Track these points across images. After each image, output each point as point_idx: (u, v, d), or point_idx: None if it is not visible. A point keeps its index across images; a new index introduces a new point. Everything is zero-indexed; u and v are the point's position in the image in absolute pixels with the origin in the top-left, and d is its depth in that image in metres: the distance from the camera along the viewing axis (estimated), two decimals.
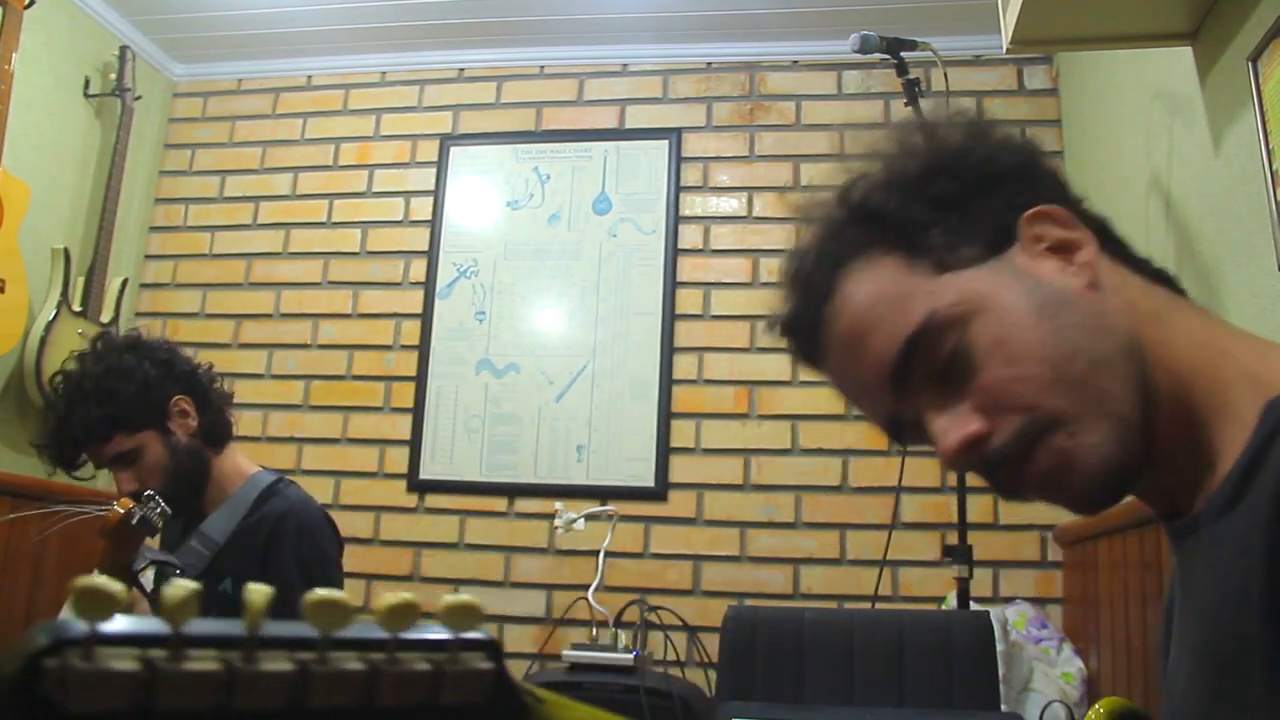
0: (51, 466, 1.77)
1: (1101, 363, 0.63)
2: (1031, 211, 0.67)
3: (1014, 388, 0.63)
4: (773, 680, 1.69)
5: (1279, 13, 1.44)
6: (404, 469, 2.96)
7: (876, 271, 0.68)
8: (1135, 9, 1.70)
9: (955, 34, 2.87)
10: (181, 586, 0.33)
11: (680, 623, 2.59)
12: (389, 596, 0.35)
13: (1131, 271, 0.68)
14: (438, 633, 0.37)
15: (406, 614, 0.36)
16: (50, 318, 2.75)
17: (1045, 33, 1.79)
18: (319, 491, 1.99)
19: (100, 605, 0.33)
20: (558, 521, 2.38)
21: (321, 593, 0.35)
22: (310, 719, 0.35)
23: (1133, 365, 0.63)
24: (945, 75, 2.16)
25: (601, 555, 2.40)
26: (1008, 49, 1.81)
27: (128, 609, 0.33)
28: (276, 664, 0.34)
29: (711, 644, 2.45)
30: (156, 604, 1.65)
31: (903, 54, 2.11)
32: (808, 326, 0.72)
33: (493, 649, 0.38)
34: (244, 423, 2.02)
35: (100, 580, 0.32)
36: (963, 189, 0.68)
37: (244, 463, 1.89)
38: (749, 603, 2.68)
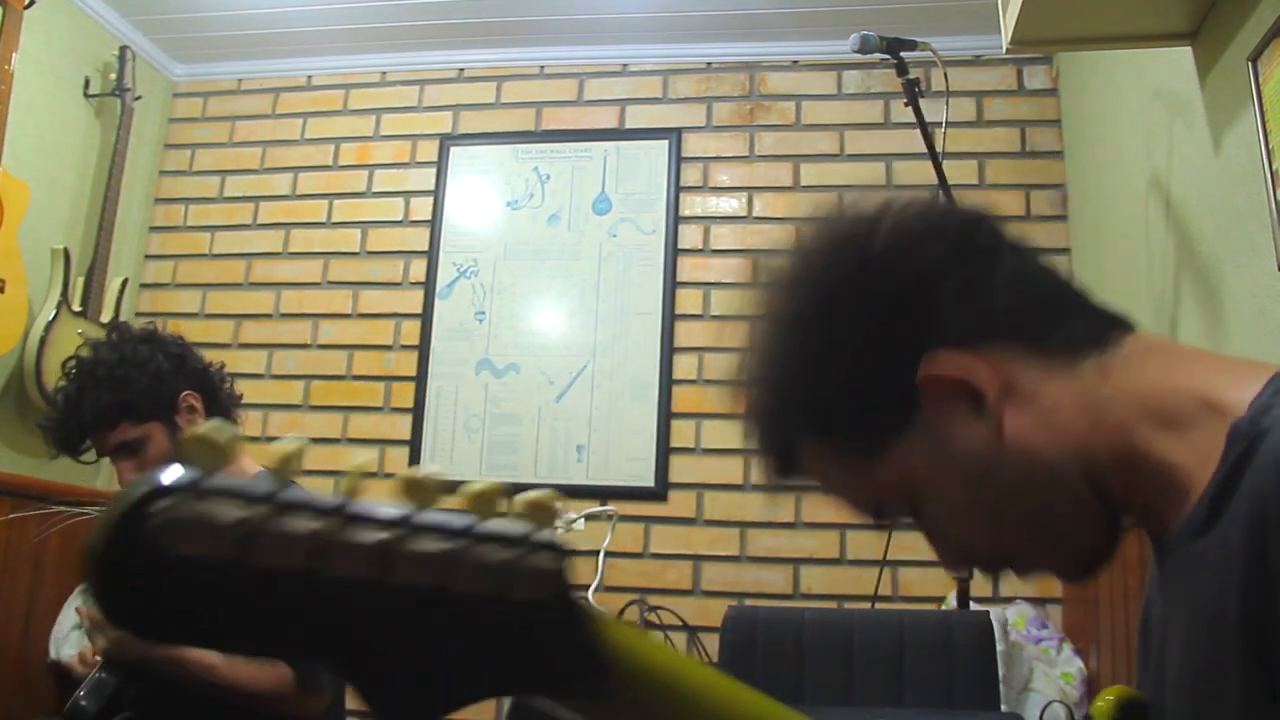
0: (55, 450, 1.78)
1: (1039, 512, 0.66)
2: (921, 376, 0.65)
3: (978, 551, 0.70)
4: (773, 680, 1.69)
5: (1279, 13, 1.44)
6: (404, 469, 2.95)
7: (820, 455, 0.71)
8: (1135, 9, 1.70)
9: (955, 34, 2.87)
10: (293, 441, 0.35)
11: (680, 623, 2.59)
12: (477, 483, 0.38)
13: (1048, 361, 0.66)
14: (515, 528, 0.39)
15: (490, 500, 0.38)
16: (50, 318, 2.75)
17: (1045, 33, 1.79)
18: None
19: (211, 454, 0.34)
20: (557, 521, 2.38)
21: (413, 470, 0.37)
22: (389, 596, 0.36)
23: (1071, 489, 0.65)
24: (945, 75, 2.16)
25: (601, 555, 2.40)
26: (1008, 49, 1.81)
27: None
28: (367, 535, 0.36)
29: (711, 644, 2.45)
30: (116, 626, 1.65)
31: (903, 54, 2.11)
32: (788, 478, 0.75)
33: (561, 551, 0.40)
34: (245, 423, 2.03)
35: (213, 428, 0.34)
36: (852, 366, 0.67)
37: (247, 463, 1.89)
38: (749, 603, 2.68)
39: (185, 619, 0.34)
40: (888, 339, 0.66)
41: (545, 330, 3.00)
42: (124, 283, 3.02)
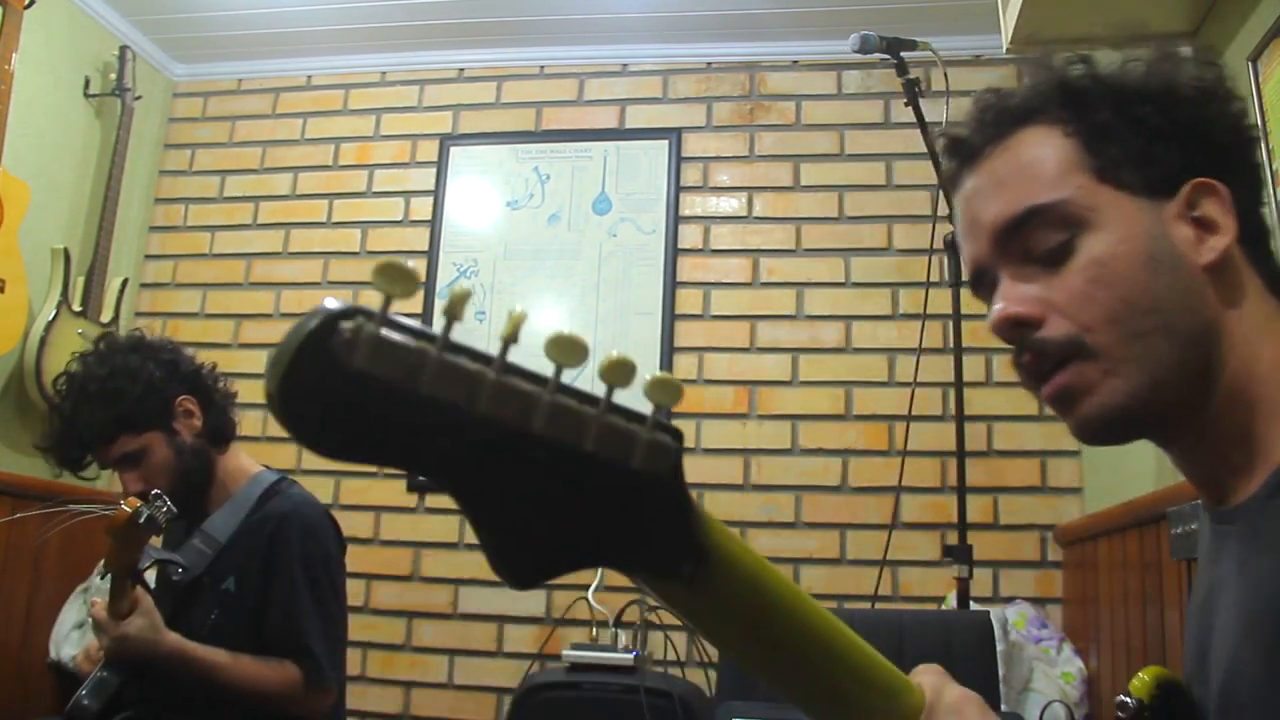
0: (57, 468, 1.77)
1: (1169, 331, 0.66)
2: (1199, 180, 0.69)
3: (1085, 304, 0.67)
4: None
5: (1279, 13, 1.44)
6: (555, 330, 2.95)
7: (1052, 142, 0.72)
8: (1135, 9, 1.71)
9: (955, 34, 2.87)
10: (461, 287, 0.39)
11: (680, 623, 2.59)
12: (612, 354, 0.41)
13: (1260, 278, 0.70)
14: (642, 407, 0.43)
15: (624, 371, 0.42)
16: (50, 318, 2.75)
17: (1045, 33, 1.79)
18: (319, 491, 1.99)
19: (398, 281, 0.38)
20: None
21: (559, 333, 0.42)
22: (527, 441, 0.40)
23: (1198, 349, 0.66)
24: (945, 75, 2.16)
25: None
26: (1008, 49, 1.82)
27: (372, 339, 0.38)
28: (518, 383, 0.41)
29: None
30: (159, 601, 1.65)
31: (903, 54, 2.11)
32: (970, 152, 0.76)
33: (677, 434, 0.43)
34: (245, 423, 2.02)
35: (399, 261, 0.38)
36: (1164, 128, 0.70)
37: (247, 462, 1.89)
38: None
39: (350, 430, 0.38)
40: (1203, 142, 0.70)
41: (545, 330, 2.99)
42: (124, 283, 3.02)
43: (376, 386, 0.37)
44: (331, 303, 0.38)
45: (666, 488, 0.43)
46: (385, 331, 0.38)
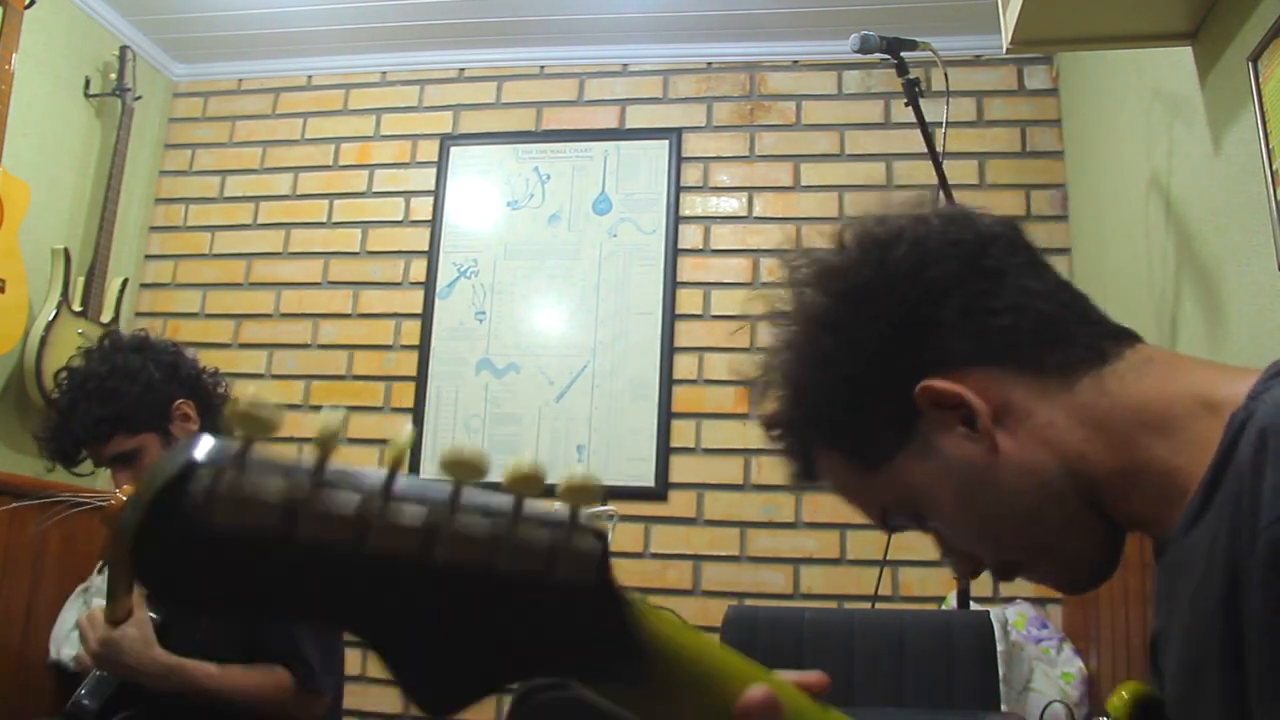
0: (50, 462, 1.77)
1: (1030, 522, 0.67)
2: (917, 391, 0.67)
3: (973, 550, 0.72)
4: None
5: (1279, 13, 1.44)
6: (403, 469, 2.95)
7: (832, 466, 0.74)
8: (1135, 9, 1.70)
9: (955, 34, 2.87)
10: (333, 416, 0.34)
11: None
12: (517, 462, 0.37)
13: (1045, 380, 0.67)
14: (557, 510, 0.38)
15: (532, 480, 0.37)
16: (50, 318, 2.75)
17: (1045, 33, 1.79)
18: None
19: (254, 426, 0.33)
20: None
21: (457, 449, 0.36)
22: (431, 574, 0.36)
23: (1064, 503, 0.66)
24: (945, 75, 2.16)
25: None
26: (1008, 49, 1.81)
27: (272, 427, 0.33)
28: (411, 511, 0.35)
29: None
30: (152, 605, 1.64)
31: (903, 54, 2.11)
32: (808, 482, 0.78)
33: (602, 534, 0.39)
34: None
35: (255, 400, 0.33)
36: (859, 387, 0.70)
37: None
38: (749, 603, 2.68)
39: (224, 591, 0.34)
40: (893, 354, 0.69)
41: (545, 330, 3.00)
42: (124, 283, 3.02)
43: (246, 540, 0.33)
44: (185, 450, 0.34)
45: (594, 592, 0.40)
46: (248, 478, 0.34)
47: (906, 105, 2.10)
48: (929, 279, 0.69)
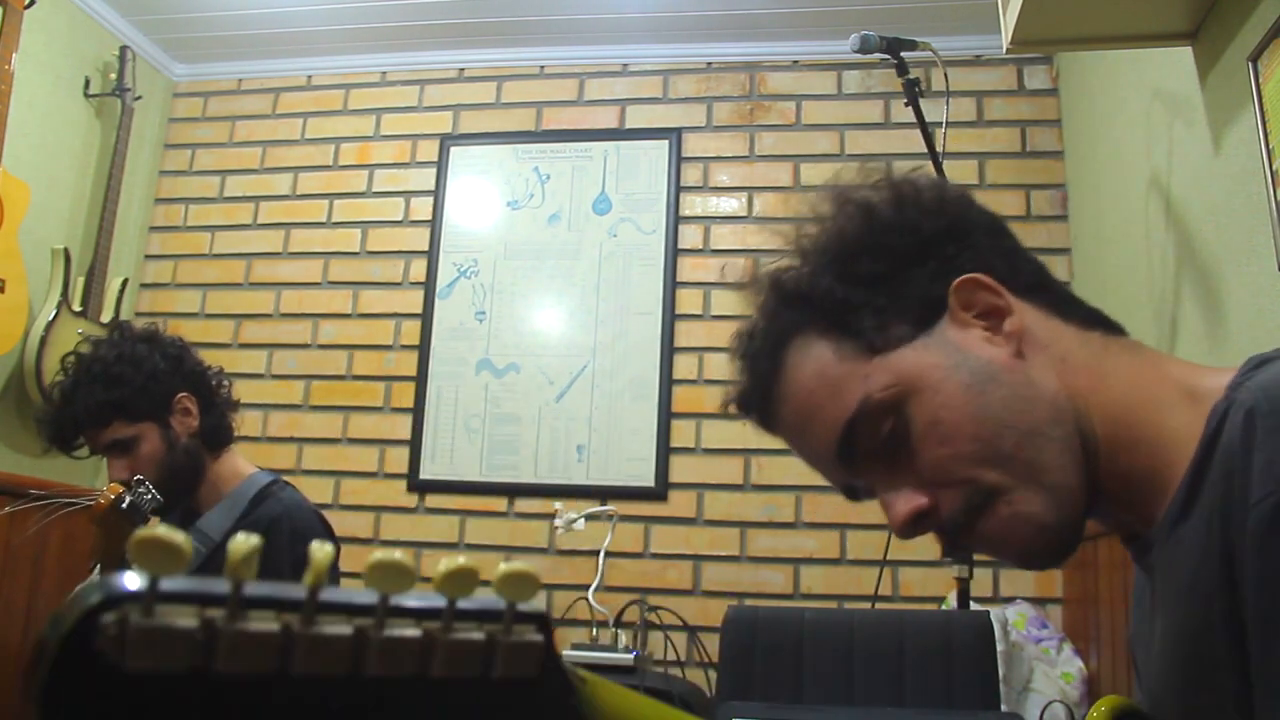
0: (47, 444, 1.78)
1: (1031, 434, 0.65)
2: (956, 282, 0.68)
3: (950, 465, 0.66)
4: (773, 680, 1.69)
5: (1279, 13, 1.44)
6: (404, 469, 2.96)
7: (812, 355, 0.70)
8: (1135, 9, 1.70)
9: (955, 34, 2.87)
10: (244, 541, 0.32)
11: (680, 623, 2.59)
12: (448, 562, 0.35)
13: (1065, 322, 0.70)
14: (493, 603, 0.37)
15: (464, 580, 0.35)
16: (50, 318, 2.75)
17: (1045, 33, 1.79)
18: (319, 491, 1.99)
19: (161, 558, 0.31)
20: (558, 521, 2.38)
21: (381, 555, 0.34)
22: (364, 688, 0.34)
23: (1065, 428, 0.65)
24: (945, 75, 2.16)
25: (601, 555, 2.40)
26: (1008, 49, 1.81)
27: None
28: (336, 628, 0.34)
29: (711, 644, 2.45)
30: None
31: (903, 54, 2.11)
32: (761, 406, 0.74)
33: (543, 622, 0.38)
34: (244, 423, 2.02)
35: (163, 531, 0.31)
36: (888, 266, 0.69)
37: (242, 464, 1.89)
38: (749, 603, 2.68)
39: None
40: (941, 244, 0.70)
41: (545, 330, 3.00)
42: (124, 283, 3.02)
43: (163, 680, 0.31)
44: (87, 595, 0.32)
45: (539, 684, 0.38)
46: (157, 615, 0.31)
47: (906, 105, 2.10)
48: (968, 215, 0.72)
